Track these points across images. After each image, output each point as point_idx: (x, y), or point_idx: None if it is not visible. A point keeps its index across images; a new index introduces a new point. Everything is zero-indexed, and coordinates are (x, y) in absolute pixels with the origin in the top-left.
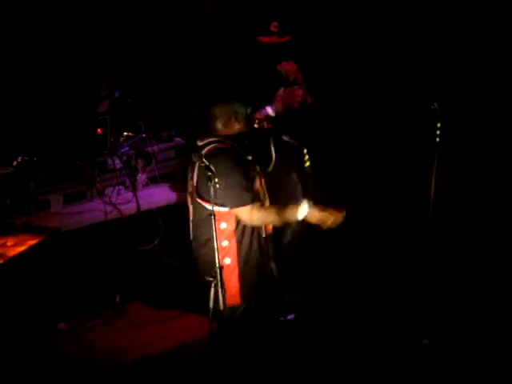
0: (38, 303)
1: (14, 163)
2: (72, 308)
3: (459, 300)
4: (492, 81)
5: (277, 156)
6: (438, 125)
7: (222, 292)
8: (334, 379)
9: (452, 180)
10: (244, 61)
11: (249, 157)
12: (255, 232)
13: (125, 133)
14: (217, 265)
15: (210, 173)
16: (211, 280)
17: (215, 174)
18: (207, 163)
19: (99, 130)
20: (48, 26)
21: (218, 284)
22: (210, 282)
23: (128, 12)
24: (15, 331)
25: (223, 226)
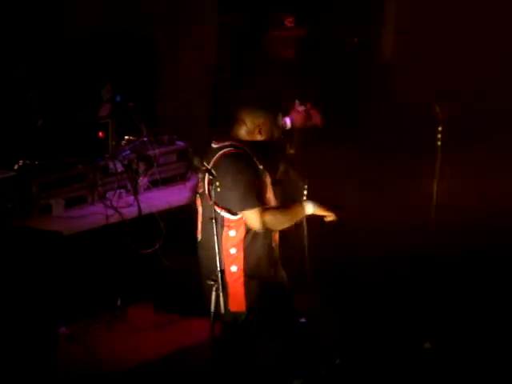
0: (40, 307)
1: (16, 167)
2: (73, 312)
3: (461, 304)
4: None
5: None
6: (440, 128)
7: (223, 296)
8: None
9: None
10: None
11: (260, 166)
12: (265, 242)
13: (126, 136)
14: (218, 268)
15: (212, 177)
16: (212, 284)
17: (217, 178)
18: (209, 167)
19: (101, 134)
20: (50, 30)
21: (220, 288)
22: (212, 286)
23: (128, 14)
24: (16, 335)
25: (232, 234)
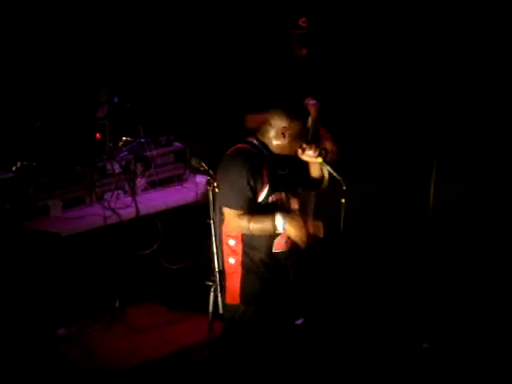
0: (38, 308)
1: (14, 168)
2: (72, 313)
3: (459, 304)
4: (491, 85)
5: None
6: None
7: (222, 296)
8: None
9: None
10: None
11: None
12: (265, 238)
13: (124, 138)
14: (216, 269)
15: (209, 177)
16: (211, 284)
17: (214, 179)
18: (206, 168)
19: (98, 135)
20: (47, 32)
21: (218, 288)
22: (210, 286)
23: (127, 16)
24: (15, 336)
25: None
